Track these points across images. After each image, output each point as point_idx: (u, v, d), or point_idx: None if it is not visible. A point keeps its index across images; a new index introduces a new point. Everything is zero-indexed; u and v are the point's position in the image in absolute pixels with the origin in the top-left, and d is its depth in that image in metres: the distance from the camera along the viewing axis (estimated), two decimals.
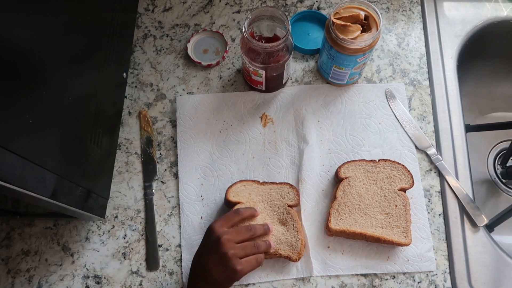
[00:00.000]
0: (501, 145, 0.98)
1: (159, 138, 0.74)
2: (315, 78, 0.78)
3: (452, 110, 0.75)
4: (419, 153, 0.73)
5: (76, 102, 0.57)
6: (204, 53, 0.80)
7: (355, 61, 0.68)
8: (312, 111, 0.75)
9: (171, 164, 0.73)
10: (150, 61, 0.80)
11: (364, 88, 0.77)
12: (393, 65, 0.79)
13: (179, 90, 0.77)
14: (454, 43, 0.81)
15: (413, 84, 0.77)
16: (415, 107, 0.76)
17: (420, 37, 0.81)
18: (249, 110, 0.75)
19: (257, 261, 0.60)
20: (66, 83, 0.54)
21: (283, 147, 0.73)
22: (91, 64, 0.62)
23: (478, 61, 0.90)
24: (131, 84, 0.78)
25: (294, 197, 0.67)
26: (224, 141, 0.73)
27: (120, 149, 0.74)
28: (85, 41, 0.60)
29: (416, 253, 0.66)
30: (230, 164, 0.72)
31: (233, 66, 0.79)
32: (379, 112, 0.75)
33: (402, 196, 0.67)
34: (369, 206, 0.66)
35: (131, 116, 0.76)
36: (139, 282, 0.66)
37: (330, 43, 0.67)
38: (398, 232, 0.65)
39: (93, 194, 0.64)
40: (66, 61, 0.54)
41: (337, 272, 0.66)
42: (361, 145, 0.73)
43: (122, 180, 0.72)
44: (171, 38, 0.81)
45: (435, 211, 0.70)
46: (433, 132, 0.74)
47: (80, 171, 0.59)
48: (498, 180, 0.95)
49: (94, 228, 0.69)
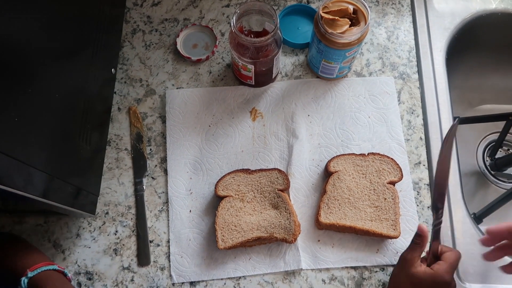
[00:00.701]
0: (490, 137, 0.99)
1: (149, 134, 0.74)
2: (305, 72, 0.78)
3: (441, 103, 0.76)
4: (408, 146, 0.73)
5: (64, 98, 0.56)
6: (193, 48, 0.79)
7: (344, 55, 0.68)
8: (302, 106, 0.75)
9: (161, 160, 0.73)
10: (139, 56, 0.79)
11: (353, 82, 0.77)
12: (382, 58, 0.79)
13: (168, 85, 0.77)
14: (443, 36, 0.81)
15: (402, 77, 0.78)
16: (404, 100, 0.76)
17: (409, 30, 0.81)
18: (239, 105, 0.75)
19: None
20: (52, 79, 0.54)
21: (272, 141, 0.73)
22: (79, 60, 0.62)
23: (467, 54, 0.90)
24: (120, 79, 0.77)
25: (284, 182, 0.68)
26: (213, 135, 0.73)
27: (110, 145, 0.73)
28: (72, 37, 0.59)
29: (405, 245, 0.66)
30: (219, 158, 0.72)
31: (223, 61, 0.79)
32: (368, 106, 0.75)
33: (391, 189, 0.67)
34: (358, 199, 0.67)
35: (120, 112, 0.76)
36: (131, 278, 0.66)
37: (319, 37, 0.67)
38: (387, 225, 0.65)
39: (83, 191, 0.64)
40: (52, 57, 0.54)
41: (327, 265, 0.66)
42: (351, 139, 0.73)
43: (112, 177, 0.72)
44: (160, 33, 0.81)
45: (424, 203, 0.70)
46: (422, 125, 0.75)
47: (69, 168, 0.59)
48: (487, 172, 0.97)
49: (85, 225, 0.69)
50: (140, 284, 0.66)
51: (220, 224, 0.65)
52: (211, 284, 0.66)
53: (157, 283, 0.66)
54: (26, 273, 0.54)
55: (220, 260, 0.67)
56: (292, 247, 0.67)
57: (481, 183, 0.96)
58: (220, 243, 0.65)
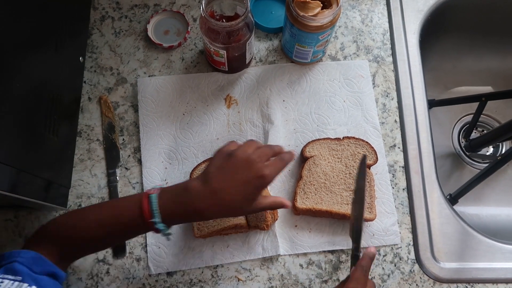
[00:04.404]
0: (465, 119, 1.01)
1: (122, 124, 0.72)
2: (279, 57, 0.77)
3: (415, 86, 0.76)
4: (383, 129, 0.73)
5: (26, 88, 0.54)
6: (165, 34, 0.77)
7: (317, 38, 0.67)
8: (277, 91, 0.74)
9: (134, 150, 0.71)
10: (109, 44, 0.77)
11: (328, 66, 0.76)
12: (357, 42, 0.79)
13: (140, 73, 0.75)
14: (417, 18, 0.81)
15: (377, 60, 0.77)
16: (379, 83, 0.76)
17: (383, 13, 0.81)
18: (213, 92, 0.74)
19: (282, 162, 0.52)
20: (13, 68, 0.51)
21: (248, 128, 0.72)
22: (41, 48, 0.59)
23: (441, 36, 0.91)
24: (90, 68, 0.75)
25: None
26: (188, 123, 0.72)
27: (81, 136, 0.72)
28: (34, 24, 0.57)
29: (381, 228, 0.68)
30: (194, 147, 0.71)
31: (196, 47, 0.77)
32: (343, 90, 0.75)
33: (366, 172, 0.67)
34: (334, 184, 0.67)
35: (91, 102, 0.73)
36: (106, 270, 0.65)
37: (291, 21, 0.66)
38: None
39: (53, 183, 0.63)
40: (11, 44, 0.51)
41: (304, 250, 0.66)
42: (326, 124, 0.73)
43: (84, 168, 0.70)
44: (130, 20, 0.78)
45: (399, 185, 0.71)
46: (397, 108, 0.75)
47: (37, 161, 0.57)
48: (462, 153, 0.98)
49: None
50: (115, 276, 0.65)
51: None
52: (189, 273, 0.65)
53: (133, 274, 0.65)
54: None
55: (197, 249, 0.66)
56: (270, 234, 0.67)
57: (457, 164, 0.97)
58: (196, 232, 0.64)
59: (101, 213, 0.52)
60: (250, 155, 0.51)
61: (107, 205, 0.55)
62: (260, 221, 0.64)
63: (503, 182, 0.95)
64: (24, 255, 0.48)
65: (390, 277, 0.66)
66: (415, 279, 0.66)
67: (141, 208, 0.49)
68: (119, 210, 0.52)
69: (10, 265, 0.46)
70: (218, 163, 0.52)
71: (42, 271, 0.47)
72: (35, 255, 0.48)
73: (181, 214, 0.51)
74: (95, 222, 0.52)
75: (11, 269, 0.46)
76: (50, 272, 0.48)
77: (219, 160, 0.52)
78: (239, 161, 0.51)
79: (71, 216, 0.54)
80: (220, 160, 0.52)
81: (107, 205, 0.55)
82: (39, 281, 0.46)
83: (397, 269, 0.66)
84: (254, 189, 0.51)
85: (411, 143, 0.73)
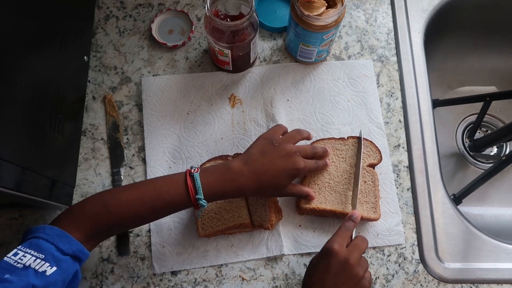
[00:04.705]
0: (469, 119, 1.00)
1: (126, 123, 0.73)
2: (283, 56, 0.77)
3: (420, 86, 0.76)
4: (387, 129, 0.73)
5: (31, 87, 0.54)
6: (169, 33, 0.77)
7: (322, 38, 0.67)
8: (281, 90, 0.74)
9: (139, 149, 0.71)
10: (113, 43, 0.77)
11: (332, 65, 0.76)
12: (361, 41, 0.78)
13: (144, 72, 0.75)
14: (421, 17, 0.80)
15: (381, 60, 0.77)
16: (383, 83, 0.76)
17: (387, 12, 0.80)
18: (217, 91, 0.74)
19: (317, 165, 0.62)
20: (18, 67, 0.51)
21: (252, 127, 0.72)
22: (46, 47, 0.59)
23: (446, 36, 0.91)
24: (94, 67, 0.75)
25: None
26: (192, 123, 0.72)
27: (85, 135, 0.72)
28: (39, 23, 0.57)
29: (385, 228, 0.68)
30: (198, 146, 0.71)
31: (200, 47, 0.77)
32: (348, 90, 0.75)
33: (370, 172, 0.67)
34: (338, 183, 0.67)
35: (95, 101, 0.74)
36: (111, 269, 0.65)
37: (295, 20, 0.66)
38: (367, 208, 0.65)
39: (58, 182, 0.63)
40: (16, 44, 0.51)
41: (308, 250, 0.66)
42: (331, 123, 0.73)
43: (89, 167, 0.70)
44: (135, 19, 0.78)
45: (403, 185, 0.71)
46: (401, 108, 0.75)
47: (42, 160, 0.57)
48: (466, 153, 0.98)
49: None
50: (120, 275, 0.65)
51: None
52: (193, 273, 0.65)
53: (138, 273, 0.65)
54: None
55: (202, 249, 0.66)
56: (274, 233, 0.67)
57: (461, 164, 0.97)
58: (200, 231, 0.64)
59: (142, 191, 0.55)
60: (292, 147, 0.59)
61: (148, 184, 0.57)
62: (264, 221, 0.64)
63: (507, 182, 0.95)
64: (48, 231, 0.48)
65: (394, 277, 0.66)
66: (419, 279, 0.66)
67: (186, 187, 0.54)
68: (163, 188, 0.55)
69: (36, 240, 0.47)
70: (262, 148, 0.59)
71: (67, 249, 0.48)
72: (60, 232, 0.49)
73: (222, 191, 0.56)
74: (137, 200, 0.54)
75: (36, 245, 0.46)
76: (75, 251, 0.49)
77: (263, 146, 0.59)
78: (281, 150, 0.58)
79: (107, 195, 0.55)
80: (263, 146, 0.59)
81: (148, 184, 0.57)
82: (61, 263, 0.47)
83: (401, 269, 0.66)
84: (288, 177, 0.58)
85: (416, 143, 0.72)
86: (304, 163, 0.59)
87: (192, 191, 0.54)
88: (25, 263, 0.44)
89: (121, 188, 0.56)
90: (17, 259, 0.44)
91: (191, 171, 0.55)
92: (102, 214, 0.52)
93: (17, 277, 0.43)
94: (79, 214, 0.53)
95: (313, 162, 0.62)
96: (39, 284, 0.44)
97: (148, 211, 0.55)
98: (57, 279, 0.46)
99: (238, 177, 0.56)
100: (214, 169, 0.57)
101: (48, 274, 0.45)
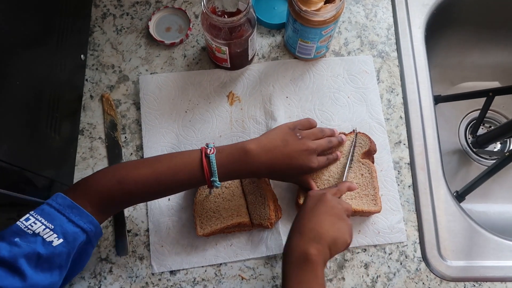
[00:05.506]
0: (471, 115, 0.99)
1: (124, 122, 0.72)
2: (282, 53, 0.76)
3: (421, 81, 0.75)
4: (388, 126, 0.72)
5: (26, 86, 0.54)
6: (166, 31, 0.77)
7: (320, 33, 0.66)
8: (280, 87, 0.73)
9: (137, 148, 0.71)
10: (111, 41, 0.76)
11: (332, 61, 0.75)
12: (361, 37, 0.77)
13: (142, 70, 0.75)
14: (422, 12, 0.79)
15: (381, 56, 0.76)
16: (384, 79, 0.75)
17: (387, 7, 0.79)
18: (215, 89, 0.73)
19: (328, 161, 0.63)
20: (13, 66, 0.51)
21: (251, 125, 0.71)
22: (43, 46, 0.59)
23: (447, 31, 0.89)
24: (91, 66, 0.75)
25: None
26: (190, 121, 0.71)
27: (83, 134, 0.71)
28: (35, 21, 0.57)
29: (386, 225, 0.67)
30: (196, 144, 0.70)
31: (198, 44, 0.76)
32: (347, 86, 0.74)
33: (366, 164, 0.66)
34: (337, 179, 0.66)
35: (93, 100, 0.73)
36: (109, 269, 0.65)
37: (293, 16, 0.65)
38: (368, 201, 0.64)
39: (55, 182, 0.62)
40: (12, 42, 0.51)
41: None
42: (330, 120, 0.72)
43: (86, 166, 0.70)
44: (132, 17, 0.78)
45: (404, 182, 0.70)
46: (402, 104, 0.74)
47: (39, 159, 0.57)
48: (469, 149, 0.97)
49: None
50: (118, 275, 0.65)
51: (198, 211, 0.64)
52: (192, 272, 0.65)
53: (136, 273, 0.65)
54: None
55: (201, 248, 0.66)
56: (274, 232, 0.66)
57: (464, 161, 0.96)
58: (198, 230, 0.63)
59: (158, 170, 0.54)
60: (312, 145, 0.59)
61: (162, 161, 0.56)
62: (263, 219, 0.63)
63: (511, 179, 0.94)
64: (61, 201, 0.49)
65: (396, 276, 0.65)
66: (421, 277, 0.65)
67: (201, 168, 0.54)
68: (178, 167, 0.54)
69: (48, 208, 0.48)
70: (284, 137, 0.59)
71: (78, 221, 0.48)
72: (72, 204, 0.49)
73: (236, 173, 0.57)
74: (152, 179, 0.54)
75: (48, 214, 0.47)
76: (85, 223, 0.49)
77: (286, 135, 0.59)
78: (303, 145, 0.59)
79: (122, 171, 0.54)
80: (287, 135, 0.59)
81: (162, 161, 0.56)
82: (68, 236, 0.47)
83: (403, 267, 0.65)
84: (299, 173, 0.61)
85: (417, 140, 0.71)
86: (317, 163, 0.60)
87: (208, 173, 0.54)
88: (35, 230, 0.46)
89: (136, 164, 0.55)
90: (28, 224, 0.46)
91: (207, 152, 0.55)
92: (116, 190, 0.52)
93: (26, 243, 0.45)
94: (93, 187, 0.52)
95: (325, 160, 0.62)
96: (44, 253, 0.45)
97: (162, 189, 0.55)
98: (62, 251, 0.47)
99: (254, 161, 0.56)
100: (230, 150, 0.57)
101: (55, 245, 0.46)
